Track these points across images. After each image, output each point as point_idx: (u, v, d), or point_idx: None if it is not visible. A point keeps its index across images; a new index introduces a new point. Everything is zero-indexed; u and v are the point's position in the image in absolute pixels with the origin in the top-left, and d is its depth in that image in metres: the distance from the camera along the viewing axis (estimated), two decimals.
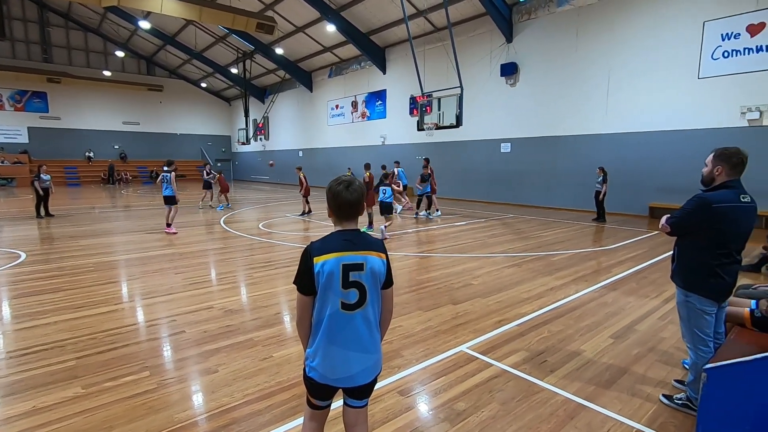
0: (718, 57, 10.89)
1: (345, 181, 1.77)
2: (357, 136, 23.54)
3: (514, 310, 4.73)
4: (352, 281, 1.73)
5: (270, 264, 6.90)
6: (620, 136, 12.92)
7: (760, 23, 10.20)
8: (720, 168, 2.60)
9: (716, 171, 2.61)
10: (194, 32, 24.70)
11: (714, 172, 2.62)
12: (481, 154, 16.95)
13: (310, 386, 1.85)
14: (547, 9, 14.28)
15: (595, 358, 3.58)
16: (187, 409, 2.80)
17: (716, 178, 2.62)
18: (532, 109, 15.11)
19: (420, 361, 3.49)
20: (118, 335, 3.98)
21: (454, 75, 14.14)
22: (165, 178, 9.60)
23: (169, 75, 33.28)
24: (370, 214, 10.37)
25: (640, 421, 2.71)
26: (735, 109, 10.70)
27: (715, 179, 2.63)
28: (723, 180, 2.60)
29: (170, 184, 9.51)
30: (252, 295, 5.29)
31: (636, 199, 12.69)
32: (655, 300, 5.13)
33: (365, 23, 19.16)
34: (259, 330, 4.13)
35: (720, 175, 2.60)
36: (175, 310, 4.68)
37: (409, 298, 5.16)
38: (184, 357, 3.56)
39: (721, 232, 2.55)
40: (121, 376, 3.20)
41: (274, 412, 2.76)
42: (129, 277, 6.08)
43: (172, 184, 9.51)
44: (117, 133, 31.68)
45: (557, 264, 6.88)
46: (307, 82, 26.28)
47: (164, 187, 9.62)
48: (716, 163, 2.62)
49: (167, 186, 9.57)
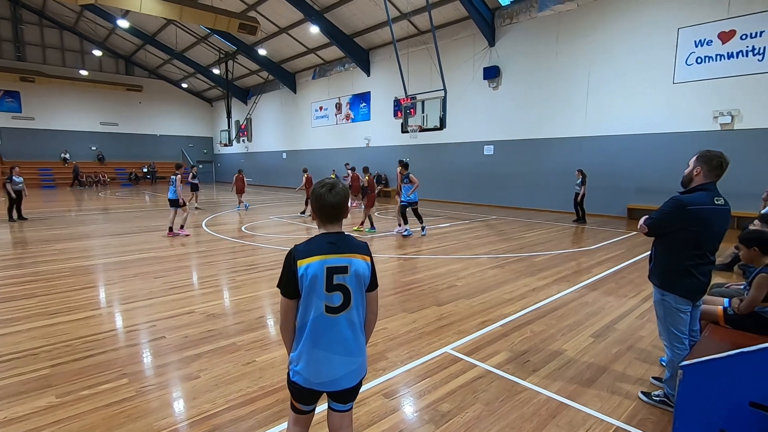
0: (692, 63, 11.25)
1: (328, 184, 1.76)
2: (341, 138, 23.49)
3: (497, 311, 4.78)
4: (336, 284, 1.72)
5: (253, 267, 6.81)
6: (599, 139, 13.21)
7: (730, 30, 10.58)
8: (699, 169, 2.66)
9: (695, 171, 2.68)
10: (175, 32, 24.29)
11: (693, 172, 2.69)
12: (465, 156, 17.11)
13: (294, 391, 1.83)
14: (528, 14, 14.52)
15: (577, 357, 3.64)
16: (167, 416, 2.74)
17: (694, 179, 2.69)
18: (514, 112, 15.34)
19: (405, 363, 3.49)
20: (95, 342, 3.87)
21: (437, 78, 14.23)
22: (171, 181, 9.49)
23: (148, 75, 32.61)
24: (369, 216, 10.46)
25: (619, 418, 2.76)
26: (708, 113, 11.06)
27: (693, 180, 2.70)
28: (701, 182, 2.67)
29: (175, 186, 9.38)
30: (234, 299, 5.21)
31: (615, 201, 12.99)
32: (634, 299, 5.25)
33: (349, 25, 19.15)
34: (241, 334, 4.07)
35: (698, 176, 2.67)
36: (155, 315, 4.58)
37: (394, 300, 5.16)
38: (164, 363, 3.48)
39: (695, 234, 2.63)
40: (97, 384, 3.11)
41: (257, 417, 2.72)
42: (107, 281, 5.92)
43: (177, 186, 9.37)
44: (94, 134, 30.85)
45: (539, 265, 6.98)
46: (290, 83, 26.11)
47: (170, 190, 9.46)
48: (697, 164, 2.68)
49: (172, 189, 9.41)
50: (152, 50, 28.39)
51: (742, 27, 10.41)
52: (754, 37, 10.27)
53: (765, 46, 10.14)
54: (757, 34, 10.21)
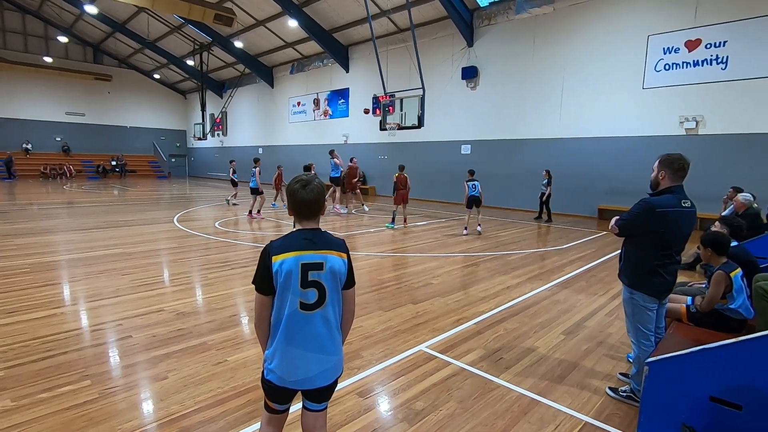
0: (661, 69, 11.67)
1: (303, 180, 1.74)
2: (319, 135, 23.26)
3: (472, 309, 4.83)
4: (311, 281, 1.69)
5: (226, 264, 6.66)
6: (573, 140, 13.55)
7: (696, 39, 11.02)
8: (664, 173, 2.76)
9: (661, 175, 2.78)
10: (147, 20, 23.43)
11: (659, 176, 2.79)
12: (443, 155, 17.23)
13: (267, 389, 1.80)
14: (506, 15, 14.72)
15: (548, 354, 3.72)
16: (132, 419, 2.63)
17: (661, 182, 2.79)
18: (491, 113, 15.54)
19: (380, 362, 3.48)
20: (55, 342, 3.69)
21: (416, 76, 14.28)
22: (252, 172, 12.08)
23: (118, 64, 31.38)
24: (394, 211, 10.58)
25: (588, 413, 2.83)
26: (675, 118, 11.50)
27: (660, 183, 2.80)
28: (667, 185, 2.77)
29: (255, 177, 11.94)
30: (206, 297, 5.08)
31: (586, 201, 13.35)
32: (603, 297, 5.41)
33: (328, 20, 18.96)
34: (213, 333, 3.97)
35: (664, 179, 2.77)
36: (122, 313, 4.41)
37: (370, 298, 5.14)
38: (130, 363, 3.35)
39: (663, 235, 2.72)
40: (57, 387, 2.96)
41: (228, 418, 2.65)
42: (70, 278, 5.67)
43: (257, 177, 11.95)
44: (59, 124, 29.50)
45: (513, 263, 7.10)
46: (267, 77, 25.66)
47: (252, 181, 12.00)
48: (660, 168, 2.79)
49: (252, 179, 12.01)
50: (122, 38, 27.33)
51: (707, 36, 10.86)
52: (718, 47, 10.73)
53: (728, 56, 10.61)
54: (721, 43, 10.68)
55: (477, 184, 9.81)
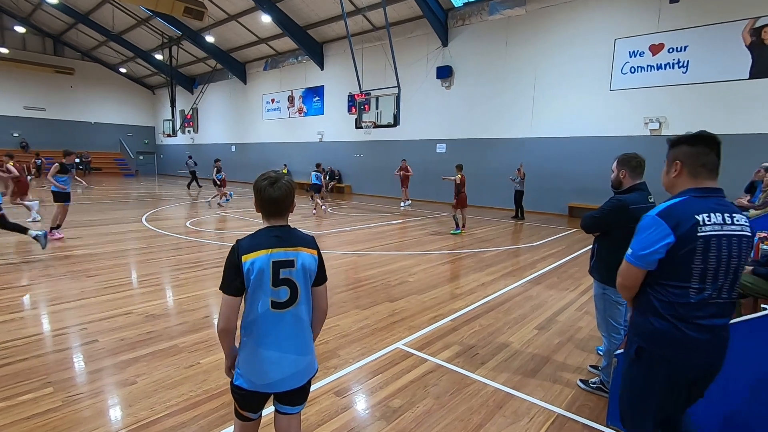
0: (627, 72, 12.11)
1: (270, 177, 1.69)
2: (293, 132, 22.97)
3: (447, 306, 4.88)
4: (283, 279, 1.66)
5: (198, 264, 6.49)
6: (543, 140, 13.88)
7: (660, 44, 11.50)
8: (624, 171, 2.89)
9: (621, 174, 2.90)
10: (112, 11, 22.51)
11: (620, 176, 2.91)
12: (418, 153, 17.33)
13: (238, 397, 1.74)
14: (479, 16, 14.93)
15: (522, 349, 3.80)
16: (99, 426, 2.53)
17: (623, 181, 2.91)
18: (465, 112, 15.74)
19: (357, 360, 3.46)
20: (13, 348, 3.50)
21: (391, 75, 14.30)
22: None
23: (81, 57, 30.00)
24: (455, 216, 9.90)
25: (560, 405, 2.91)
26: (640, 119, 11.96)
27: (622, 182, 2.91)
28: (630, 182, 2.88)
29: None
30: (177, 298, 4.93)
31: (557, 199, 13.72)
32: (573, 293, 5.57)
33: (302, 17, 18.72)
34: (184, 335, 3.86)
35: (626, 178, 2.89)
36: (87, 317, 4.22)
37: (346, 296, 5.12)
38: (96, 369, 3.22)
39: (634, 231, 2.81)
40: (17, 395, 2.81)
41: (200, 423, 2.58)
42: (29, 281, 5.38)
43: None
44: (16, 119, 27.97)
45: (487, 260, 7.22)
46: (240, 73, 25.13)
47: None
48: (619, 168, 2.91)
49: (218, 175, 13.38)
50: (85, 30, 26.15)
51: (670, 41, 11.34)
52: (680, 51, 11.22)
53: (688, 60, 11.12)
54: (682, 48, 11.17)
55: (318, 175, 12.67)
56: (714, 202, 1.68)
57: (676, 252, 1.64)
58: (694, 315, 1.66)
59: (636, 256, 1.73)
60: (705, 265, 1.63)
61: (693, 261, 1.63)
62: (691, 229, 1.61)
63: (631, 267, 1.77)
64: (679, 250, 1.63)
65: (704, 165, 1.71)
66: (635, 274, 1.77)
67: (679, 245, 1.63)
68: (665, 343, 1.70)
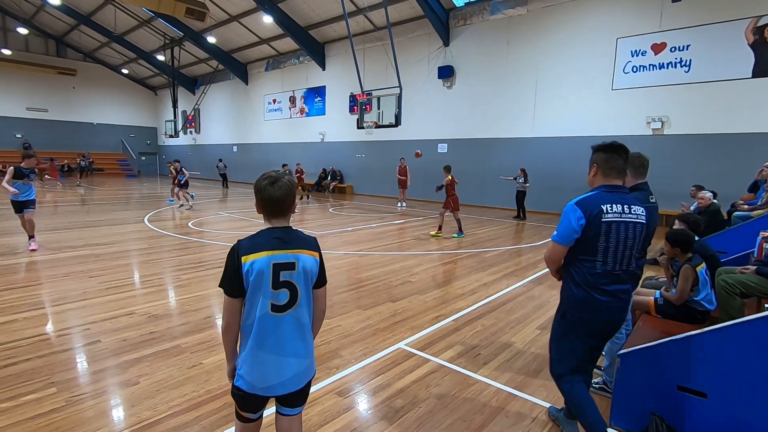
0: (629, 71, 12.08)
1: (271, 177, 1.67)
2: (295, 133, 22.99)
3: (450, 306, 4.87)
4: (283, 281, 1.64)
5: (201, 265, 6.50)
6: (545, 140, 13.86)
7: (662, 43, 11.46)
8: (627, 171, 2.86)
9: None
10: (114, 12, 22.57)
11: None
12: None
13: (238, 398, 1.74)
14: (481, 16, 14.91)
15: (524, 349, 3.79)
16: (101, 427, 2.53)
17: (626, 181, 2.89)
18: (467, 112, 15.72)
19: (359, 361, 3.46)
20: (17, 349, 3.51)
21: (393, 75, 14.29)
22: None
23: (83, 58, 30.10)
24: (458, 220, 9.42)
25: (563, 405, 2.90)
26: (642, 119, 11.93)
27: (625, 182, 2.90)
28: (632, 182, 2.87)
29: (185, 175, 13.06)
30: (180, 299, 4.94)
31: (558, 199, 13.68)
32: None
33: (304, 17, 18.74)
34: (186, 336, 3.87)
35: (628, 177, 2.87)
36: (89, 317, 4.24)
37: (348, 296, 5.12)
38: (98, 369, 3.23)
39: None
40: (20, 395, 2.82)
41: (203, 423, 2.59)
42: (32, 282, 5.40)
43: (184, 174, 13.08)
44: (19, 120, 28.08)
45: (489, 260, 7.21)
46: (242, 74, 25.16)
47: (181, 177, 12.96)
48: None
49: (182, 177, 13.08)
50: (87, 31, 26.22)
51: (672, 40, 11.31)
52: (682, 50, 11.19)
53: (691, 59, 11.08)
54: (685, 47, 11.14)
55: None
56: (617, 196, 2.18)
57: (587, 232, 2.10)
58: (601, 282, 2.14)
59: (560, 235, 2.18)
60: (607, 244, 2.11)
61: (598, 240, 2.10)
62: (598, 215, 2.09)
63: (557, 245, 2.22)
64: (589, 231, 2.10)
65: (613, 168, 2.23)
66: (559, 250, 2.22)
67: (588, 227, 2.10)
68: (582, 306, 2.20)
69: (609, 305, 2.16)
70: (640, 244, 2.20)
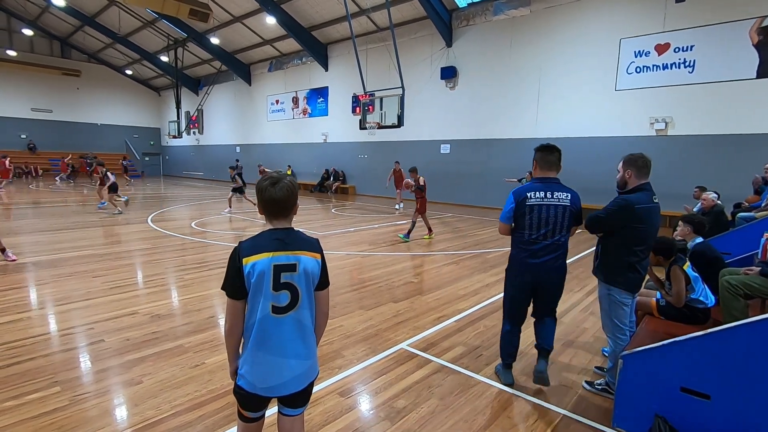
0: (632, 72, 12.04)
1: (272, 178, 1.67)
2: (298, 133, 23.03)
3: (452, 307, 4.87)
4: (284, 283, 1.64)
5: (203, 265, 6.52)
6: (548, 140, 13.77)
7: (665, 43, 11.42)
8: (630, 172, 2.87)
9: (627, 175, 2.89)
10: (118, 14, 22.67)
11: (626, 176, 2.90)
12: (422, 154, 17.31)
13: (240, 397, 1.74)
14: (484, 17, 14.90)
15: (526, 350, 3.78)
16: (105, 426, 2.55)
17: (629, 181, 2.89)
18: (470, 113, 15.71)
19: (361, 361, 3.47)
20: (21, 348, 3.53)
21: (395, 75, 14.30)
22: None
23: (87, 59, 30.25)
24: (414, 222, 8.97)
25: (565, 407, 2.90)
26: (645, 119, 11.89)
27: (628, 182, 2.90)
28: (635, 183, 2.86)
29: None
30: (183, 299, 4.96)
31: None
32: (578, 294, 5.54)
33: (307, 18, 18.78)
34: (189, 336, 3.88)
35: (631, 178, 2.87)
36: (93, 317, 4.26)
37: (351, 297, 5.12)
38: (102, 368, 3.24)
39: (641, 231, 2.81)
40: (24, 394, 2.84)
41: (206, 422, 2.60)
42: (37, 281, 5.44)
43: None
44: (24, 120, 28.23)
45: (492, 261, 7.20)
46: (245, 74, 25.23)
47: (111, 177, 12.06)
48: (625, 168, 2.90)
49: None
50: (92, 32, 26.36)
51: (676, 40, 11.26)
52: (686, 51, 11.14)
53: (695, 59, 11.03)
54: (688, 47, 11.09)
55: None
56: (544, 185, 2.91)
57: (517, 212, 2.91)
58: (529, 249, 2.92)
59: (502, 215, 3.01)
60: (531, 221, 2.87)
61: (525, 218, 2.89)
62: (523, 200, 2.88)
63: (500, 222, 3.04)
64: (518, 211, 2.91)
65: (546, 162, 2.98)
66: (505, 227, 3.04)
67: (517, 208, 2.91)
68: (516, 265, 3.05)
69: (534, 267, 2.91)
70: (565, 221, 2.87)
